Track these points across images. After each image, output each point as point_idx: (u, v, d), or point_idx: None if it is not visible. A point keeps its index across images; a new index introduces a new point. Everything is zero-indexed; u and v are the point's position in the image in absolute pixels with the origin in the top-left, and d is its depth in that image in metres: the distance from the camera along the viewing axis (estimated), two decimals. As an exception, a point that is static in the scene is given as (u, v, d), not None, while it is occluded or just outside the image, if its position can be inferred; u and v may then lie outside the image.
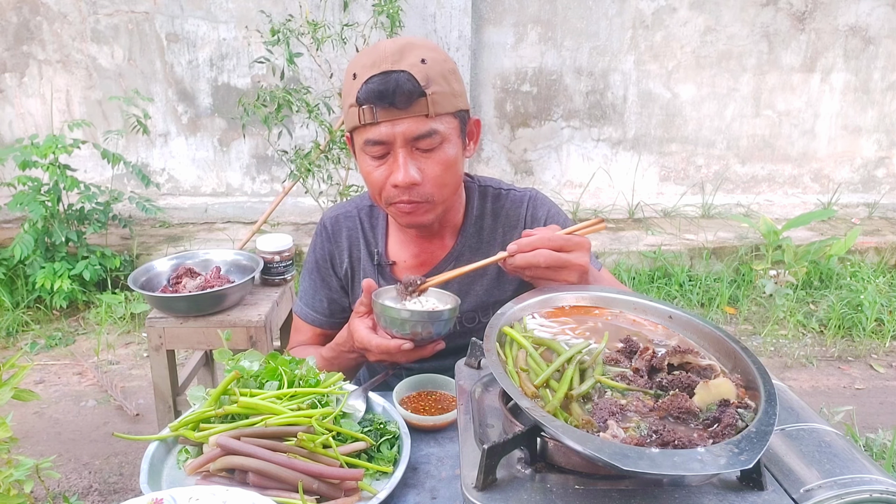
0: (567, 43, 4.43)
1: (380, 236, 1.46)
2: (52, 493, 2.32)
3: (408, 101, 1.15)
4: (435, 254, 1.43)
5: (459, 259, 1.41)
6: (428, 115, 1.18)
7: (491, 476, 0.73)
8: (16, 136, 4.20)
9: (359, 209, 1.48)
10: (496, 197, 1.46)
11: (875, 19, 4.48)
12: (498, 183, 1.48)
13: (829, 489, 0.68)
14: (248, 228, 4.01)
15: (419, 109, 1.17)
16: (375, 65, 1.16)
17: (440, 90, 1.18)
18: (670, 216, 4.68)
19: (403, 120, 1.17)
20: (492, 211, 1.45)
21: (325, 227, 1.49)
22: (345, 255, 1.47)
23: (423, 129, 1.18)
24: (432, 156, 1.22)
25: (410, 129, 1.18)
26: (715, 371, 0.82)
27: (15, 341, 3.41)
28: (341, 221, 1.48)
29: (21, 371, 1.28)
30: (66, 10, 4.16)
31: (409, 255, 1.44)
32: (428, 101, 1.17)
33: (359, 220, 1.47)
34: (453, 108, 1.22)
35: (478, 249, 1.43)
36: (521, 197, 1.45)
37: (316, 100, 3.50)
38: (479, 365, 0.99)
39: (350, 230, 1.47)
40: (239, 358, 1.11)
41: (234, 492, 0.86)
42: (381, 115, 1.17)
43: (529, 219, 1.43)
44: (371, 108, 1.17)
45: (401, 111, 1.16)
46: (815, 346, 3.53)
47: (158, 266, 2.00)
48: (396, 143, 1.19)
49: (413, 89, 1.15)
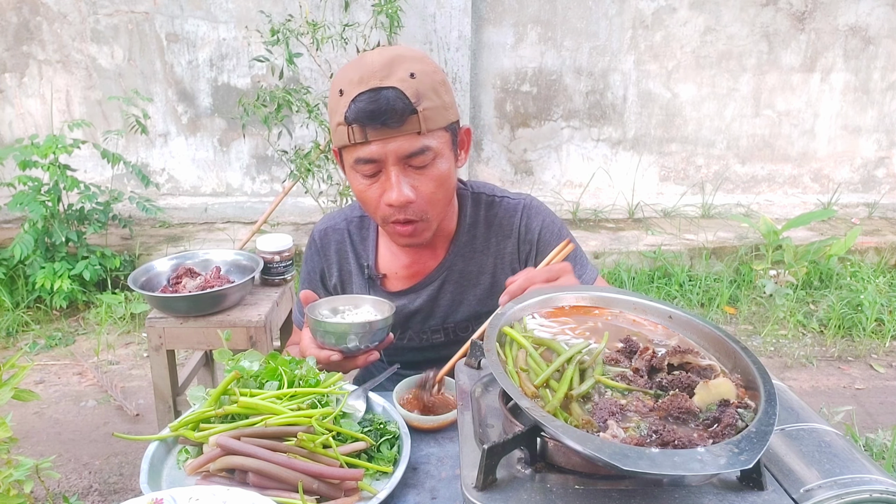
0: (567, 43, 4.43)
1: (370, 249, 1.43)
2: (52, 493, 2.31)
3: (399, 119, 1.12)
4: (426, 265, 1.41)
5: (451, 270, 1.39)
6: (420, 132, 1.15)
7: (491, 476, 0.73)
8: (16, 136, 4.20)
9: (348, 221, 1.46)
10: (489, 204, 1.42)
11: (875, 19, 4.48)
12: (491, 189, 1.45)
13: (829, 489, 0.68)
14: (248, 228, 4.00)
15: (411, 127, 1.14)
16: (363, 81, 1.12)
17: (431, 105, 1.15)
18: (670, 216, 4.68)
19: (395, 139, 1.14)
20: (485, 219, 1.41)
21: (315, 241, 1.48)
22: (334, 269, 1.46)
23: (416, 147, 1.15)
24: (425, 172, 1.19)
25: (402, 147, 1.15)
26: (715, 371, 0.82)
27: (15, 341, 3.41)
28: (329, 235, 1.46)
29: (21, 371, 1.27)
30: (66, 10, 4.16)
31: (399, 267, 1.42)
32: (419, 119, 1.13)
33: (347, 233, 1.45)
34: (445, 122, 1.19)
35: (470, 259, 1.40)
36: (515, 205, 1.41)
37: (316, 100, 3.50)
38: (479, 365, 0.99)
39: (339, 244, 1.45)
40: (239, 358, 1.11)
41: (234, 492, 0.86)
42: (372, 134, 1.13)
43: (524, 229, 1.40)
44: (361, 127, 1.13)
45: (392, 130, 1.13)
46: (815, 346, 3.53)
47: (158, 266, 2.00)
48: (388, 162, 1.16)
49: (404, 108, 1.11)
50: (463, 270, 1.40)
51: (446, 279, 1.40)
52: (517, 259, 1.41)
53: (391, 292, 1.42)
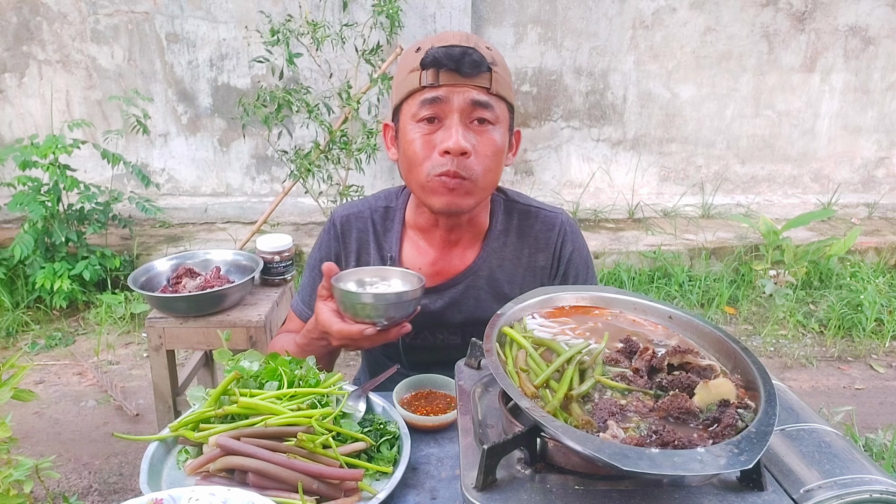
0: (567, 43, 4.43)
1: (394, 241, 1.38)
2: (52, 493, 2.31)
3: (474, 68, 1.15)
4: (453, 264, 1.37)
5: (478, 275, 1.36)
6: (490, 89, 1.17)
7: (491, 476, 0.73)
8: (16, 136, 4.20)
9: (372, 210, 1.41)
10: (524, 214, 1.39)
11: (875, 19, 4.48)
12: (526, 199, 1.43)
13: (829, 489, 0.68)
14: (248, 228, 4.00)
15: (482, 81, 1.16)
16: (443, 40, 1.18)
17: (502, 74, 1.20)
18: (670, 216, 4.68)
19: (465, 86, 1.16)
20: (518, 228, 1.38)
21: (335, 225, 1.41)
22: (352, 258, 1.40)
23: (483, 99, 1.17)
24: (485, 134, 1.19)
25: (471, 95, 1.16)
26: (715, 371, 0.82)
27: (15, 341, 3.41)
28: (352, 222, 1.41)
29: (21, 371, 1.27)
30: (66, 10, 4.16)
31: (425, 264, 1.37)
32: (492, 77, 1.17)
33: (371, 221, 1.40)
34: (509, 98, 1.22)
35: (500, 266, 1.37)
36: (552, 220, 1.39)
37: (316, 100, 3.50)
38: (479, 365, 0.99)
39: (360, 232, 1.40)
40: (239, 358, 1.11)
41: (234, 492, 0.86)
42: (445, 77, 1.15)
43: (559, 246, 1.39)
44: (435, 70, 1.15)
45: (464, 77, 1.15)
46: (814, 346, 3.53)
47: (158, 266, 2.01)
48: (453, 108, 1.16)
49: (481, 60, 1.15)
50: (490, 277, 1.37)
51: (472, 283, 1.36)
52: (548, 274, 1.40)
53: None
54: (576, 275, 1.40)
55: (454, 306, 1.37)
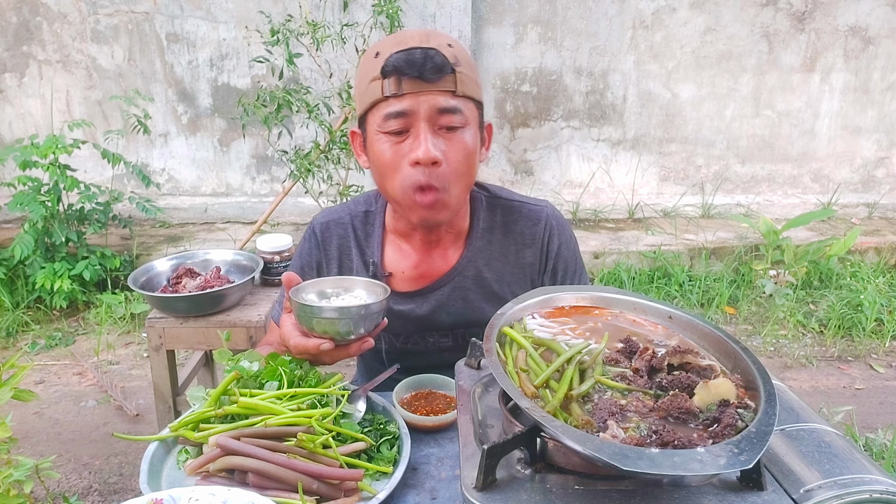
0: (567, 43, 4.43)
1: (375, 245, 1.36)
2: (52, 493, 2.31)
3: (437, 73, 1.10)
4: (436, 266, 1.34)
5: (464, 275, 1.34)
6: (455, 92, 1.12)
7: (491, 476, 0.73)
8: (16, 137, 4.20)
9: (352, 216, 1.38)
10: (508, 210, 1.37)
11: (875, 19, 4.48)
12: (509, 193, 1.40)
13: (829, 489, 0.68)
14: (248, 228, 4.00)
15: (447, 85, 1.11)
16: (402, 43, 1.11)
17: (467, 73, 1.15)
18: (670, 216, 4.68)
19: (430, 93, 1.11)
20: (502, 224, 1.36)
21: (315, 233, 1.39)
22: (333, 265, 1.38)
23: (450, 104, 1.12)
24: (454, 138, 1.15)
25: (436, 101, 1.11)
26: (715, 371, 0.82)
27: (15, 341, 3.41)
28: (332, 229, 1.38)
29: (21, 371, 1.27)
30: (66, 10, 4.16)
31: (407, 267, 1.34)
32: (456, 79, 1.12)
33: (352, 227, 1.37)
34: (476, 96, 1.19)
35: (487, 265, 1.35)
36: (537, 214, 1.36)
37: (316, 100, 3.50)
38: (479, 365, 0.99)
39: (341, 238, 1.38)
40: (239, 358, 1.11)
41: (234, 492, 0.86)
42: (407, 86, 1.10)
43: (546, 240, 1.36)
44: (397, 79, 1.10)
45: (427, 83, 1.10)
46: (814, 346, 3.53)
47: (158, 266, 2.01)
48: (419, 117, 1.12)
49: (443, 63, 1.10)
50: (478, 276, 1.35)
51: (458, 284, 1.34)
52: (537, 270, 1.37)
53: (397, 293, 1.33)
54: (565, 268, 1.38)
55: (442, 309, 1.35)
